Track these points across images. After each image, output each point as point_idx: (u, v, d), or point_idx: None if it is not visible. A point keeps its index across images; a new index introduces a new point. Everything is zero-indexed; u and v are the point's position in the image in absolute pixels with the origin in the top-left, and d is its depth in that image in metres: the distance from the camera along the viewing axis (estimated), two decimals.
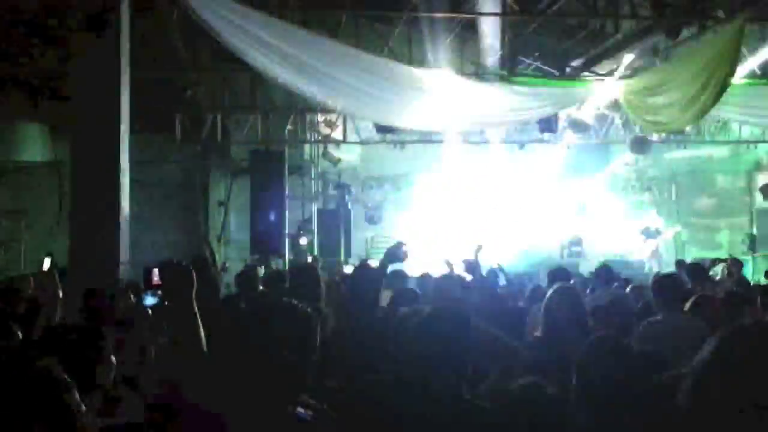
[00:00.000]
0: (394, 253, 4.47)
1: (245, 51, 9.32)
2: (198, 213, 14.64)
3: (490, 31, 11.10)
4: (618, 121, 14.11)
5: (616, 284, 7.55)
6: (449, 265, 7.11)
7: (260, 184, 13.92)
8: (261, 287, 7.05)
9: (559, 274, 6.49)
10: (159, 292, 4.53)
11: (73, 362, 2.30)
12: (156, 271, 5.21)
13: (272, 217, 13.87)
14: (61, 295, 3.99)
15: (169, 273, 2.43)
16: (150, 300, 4.90)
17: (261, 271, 9.68)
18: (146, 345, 3.49)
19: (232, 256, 14.19)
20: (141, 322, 4.45)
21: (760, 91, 11.42)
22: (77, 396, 1.95)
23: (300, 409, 2.35)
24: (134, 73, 8.15)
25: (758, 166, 16.70)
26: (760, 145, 15.89)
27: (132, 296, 5.41)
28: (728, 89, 9.27)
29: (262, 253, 13.49)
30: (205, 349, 2.41)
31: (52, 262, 7.56)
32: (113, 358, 2.89)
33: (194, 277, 2.40)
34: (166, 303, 2.85)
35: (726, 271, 9.81)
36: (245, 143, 14.17)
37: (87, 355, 2.71)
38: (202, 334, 2.38)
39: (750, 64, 11.24)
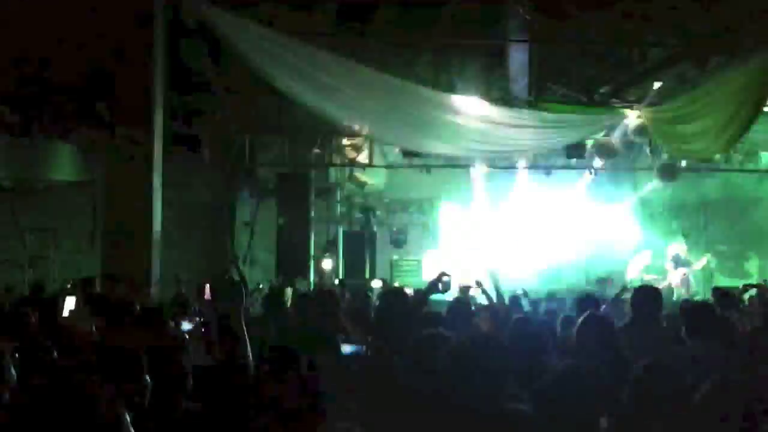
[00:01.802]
0: (436, 285, 4.54)
1: (273, 75, 9.45)
2: (225, 234, 14.75)
3: (517, 57, 11.14)
4: (646, 148, 14.01)
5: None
6: (479, 285, 7.10)
7: (286, 206, 14.04)
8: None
9: (587, 301, 6.42)
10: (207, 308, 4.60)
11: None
12: (207, 286, 5.32)
13: (298, 238, 13.97)
14: None
15: (222, 287, 2.49)
16: (186, 326, 4.95)
17: (288, 292, 9.72)
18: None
19: (257, 277, 14.25)
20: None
21: None
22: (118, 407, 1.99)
23: None
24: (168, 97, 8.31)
25: None
26: None
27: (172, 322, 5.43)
28: (759, 118, 9.23)
29: (288, 275, 13.55)
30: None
31: None
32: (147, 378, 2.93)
33: (244, 293, 2.46)
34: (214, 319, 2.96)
35: (757, 298, 9.66)
36: (272, 166, 14.29)
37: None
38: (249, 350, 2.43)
39: None
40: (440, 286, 4.93)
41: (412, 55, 11.90)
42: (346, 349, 4.70)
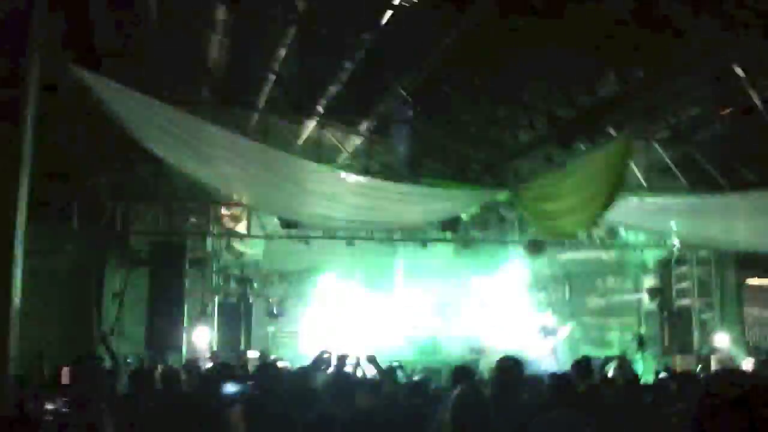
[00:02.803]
0: (318, 362, 4.53)
1: (152, 141, 9.26)
2: (91, 305, 14.02)
3: (398, 133, 11.50)
4: (515, 223, 14.69)
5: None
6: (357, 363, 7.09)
7: (159, 276, 13.58)
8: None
9: (462, 373, 6.53)
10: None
11: None
12: (66, 370, 4.97)
13: (170, 310, 13.50)
14: None
15: (83, 373, 2.36)
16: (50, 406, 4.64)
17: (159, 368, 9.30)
18: None
19: (125, 350, 13.58)
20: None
21: (644, 201, 12.20)
22: None
23: None
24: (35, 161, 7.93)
25: (644, 269, 17.63)
26: (646, 250, 16.86)
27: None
28: (617, 199, 9.85)
29: (158, 348, 13.01)
30: None
31: None
32: None
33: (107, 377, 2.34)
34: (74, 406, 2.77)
35: (618, 369, 10.18)
36: (145, 234, 13.86)
37: None
38: None
39: (636, 176, 12.08)
40: (322, 363, 4.95)
41: (296, 128, 12.05)
42: (230, 389, 4.61)
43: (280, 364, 10.66)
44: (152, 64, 9.71)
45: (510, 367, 5.51)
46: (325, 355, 5.17)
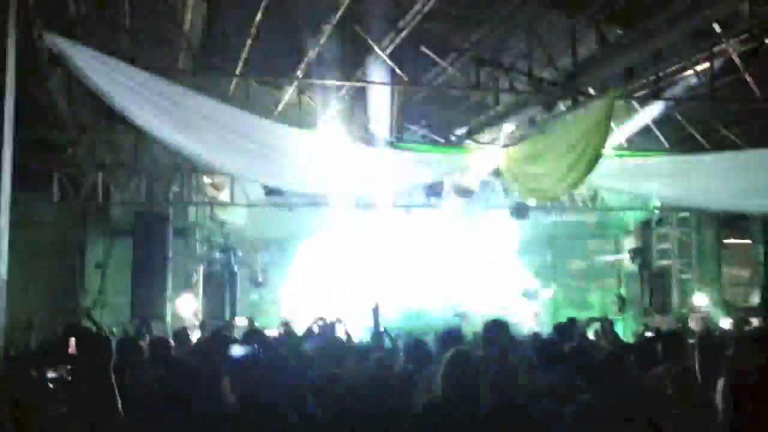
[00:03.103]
0: (311, 330, 4.57)
1: (130, 109, 9.14)
2: (74, 276, 13.97)
3: (378, 98, 11.44)
4: (499, 188, 14.73)
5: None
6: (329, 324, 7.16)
7: (143, 246, 13.52)
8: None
9: (451, 337, 6.58)
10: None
11: None
12: (73, 340, 4.91)
13: (154, 280, 13.48)
14: None
15: (88, 343, 2.36)
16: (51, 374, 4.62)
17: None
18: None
19: (109, 321, 13.56)
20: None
21: (626, 162, 12.28)
22: None
23: None
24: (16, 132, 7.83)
25: (625, 231, 17.82)
26: (627, 212, 17.03)
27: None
28: (599, 160, 9.91)
29: (144, 318, 12.99)
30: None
31: None
32: None
33: (113, 348, 2.35)
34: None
35: (601, 330, 10.34)
36: (128, 204, 13.77)
37: None
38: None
39: (617, 137, 12.14)
40: (316, 329, 5.00)
41: (276, 93, 11.96)
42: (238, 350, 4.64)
43: (266, 332, 10.75)
44: (128, 31, 9.58)
45: (498, 329, 5.58)
46: (320, 322, 5.25)
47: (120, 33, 9.59)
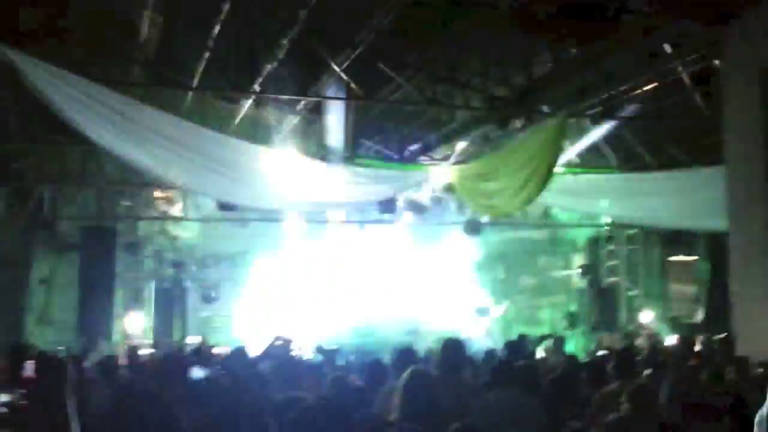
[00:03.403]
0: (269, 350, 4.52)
1: (80, 122, 8.97)
2: (17, 292, 13.55)
3: (334, 113, 11.44)
4: (453, 205, 14.84)
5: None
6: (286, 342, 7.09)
7: (90, 261, 13.20)
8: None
9: (406, 356, 6.52)
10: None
11: None
12: (29, 363, 4.66)
13: (102, 297, 13.16)
14: None
15: (46, 366, 2.28)
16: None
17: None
18: None
19: (54, 338, 13.19)
20: None
21: (577, 180, 12.52)
22: None
23: None
24: None
25: (575, 248, 18.09)
26: (578, 229, 17.32)
27: None
28: (551, 178, 10.07)
29: (89, 335, 12.67)
30: None
31: None
32: None
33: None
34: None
35: (552, 347, 10.45)
36: (75, 218, 13.45)
37: None
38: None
39: (568, 154, 12.36)
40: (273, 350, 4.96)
41: (231, 108, 11.86)
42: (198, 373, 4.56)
43: (215, 350, 10.57)
44: (82, 43, 9.40)
45: (454, 347, 5.59)
46: (278, 342, 5.23)
47: (72, 44, 9.40)
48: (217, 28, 8.88)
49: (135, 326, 13.79)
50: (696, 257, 16.60)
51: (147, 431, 3.60)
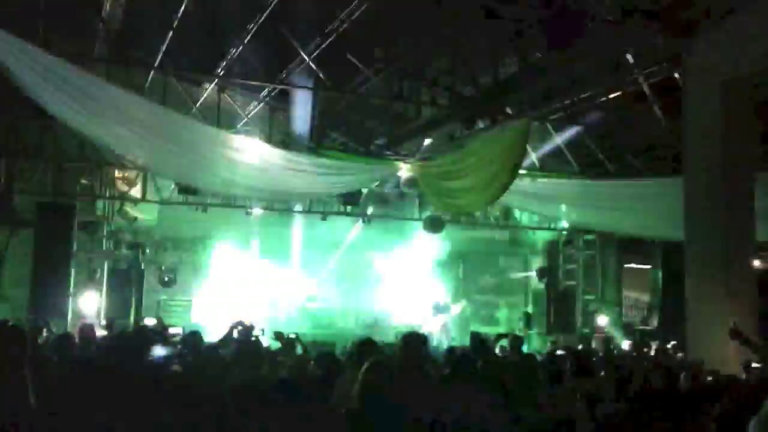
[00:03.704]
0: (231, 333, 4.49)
1: (39, 94, 8.81)
2: None
3: (301, 102, 11.37)
4: (416, 200, 14.87)
5: None
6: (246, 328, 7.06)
7: (45, 238, 12.95)
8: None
9: (368, 347, 6.52)
10: None
11: None
12: None
13: (56, 274, 12.93)
14: None
15: (4, 334, 2.25)
16: None
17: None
18: None
19: (4, 314, 12.94)
20: None
21: (538, 183, 12.61)
22: None
23: None
24: None
25: (534, 250, 18.26)
26: (537, 231, 17.48)
27: None
28: (515, 179, 10.14)
29: (42, 313, 12.44)
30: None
31: None
32: None
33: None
34: None
35: (509, 346, 10.53)
36: (30, 194, 13.18)
37: None
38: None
39: (530, 157, 12.45)
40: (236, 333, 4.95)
41: (196, 91, 11.71)
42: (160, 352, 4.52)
43: (171, 331, 10.47)
44: (43, 14, 9.19)
45: (416, 342, 5.61)
46: (239, 327, 5.23)
47: (35, 16, 9.19)
48: (183, 6, 8.76)
49: (89, 306, 13.55)
50: (650, 266, 16.87)
51: (105, 404, 3.54)
